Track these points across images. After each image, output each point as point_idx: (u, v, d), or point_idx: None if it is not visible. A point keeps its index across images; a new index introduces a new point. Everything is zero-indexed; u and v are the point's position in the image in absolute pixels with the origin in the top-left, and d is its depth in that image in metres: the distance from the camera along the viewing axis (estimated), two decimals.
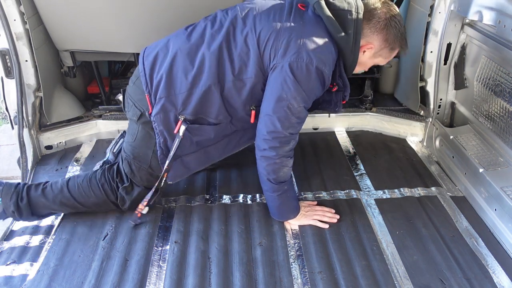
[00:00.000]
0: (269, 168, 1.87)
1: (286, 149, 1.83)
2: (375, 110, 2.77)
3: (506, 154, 2.09)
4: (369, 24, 1.74)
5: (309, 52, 1.66)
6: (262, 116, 1.80)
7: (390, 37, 1.75)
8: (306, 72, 1.67)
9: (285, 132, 1.77)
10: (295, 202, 2.01)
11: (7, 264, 1.81)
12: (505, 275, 1.74)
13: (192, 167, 2.01)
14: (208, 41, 1.77)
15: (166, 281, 1.71)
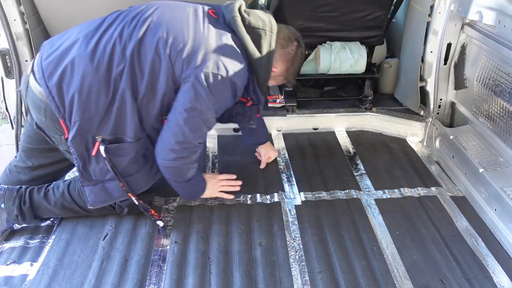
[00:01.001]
0: (173, 173, 1.87)
1: (193, 158, 1.85)
2: (375, 110, 2.77)
3: (506, 154, 2.09)
4: (281, 51, 1.83)
5: (224, 64, 1.67)
6: (172, 126, 1.75)
7: (290, 69, 1.90)
8: (220, 83, 1.67)
9: (195, 142, 1.78)
10: (201, 183, 2.05)
11: (7, 264, 1.81)
12: (505, 275, 1.74)
13: (114, 195, 1.88)
14: (118, 55, 1.69)
15: (166, 281, 1.71)
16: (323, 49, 2.63)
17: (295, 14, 2.51)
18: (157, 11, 1.77)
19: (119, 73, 1.69)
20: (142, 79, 1.71)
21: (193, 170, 1.91)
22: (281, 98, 2.77)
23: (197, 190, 2.07)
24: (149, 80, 1.71)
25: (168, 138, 1.77)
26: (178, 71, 1.70)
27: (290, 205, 2.13)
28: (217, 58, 1.67)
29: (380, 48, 2.73)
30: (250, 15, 1.78)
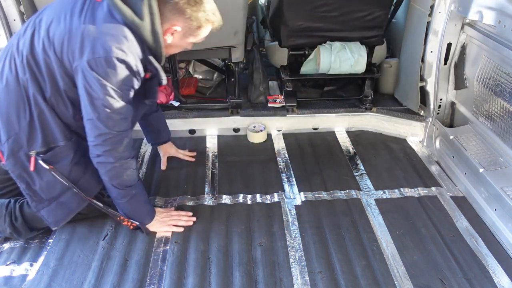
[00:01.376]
0: (110, 173, 1.76)
1: (121, 150, 1.73)
2: (375, 110, 2.77)
3: (506, 154, 2.09)
4: (167, 6, 1.61)
5: (105, 45, 1.55)
6: (85, 122, 1.68)
7: (193, 15, 1.63)
8: (107, 66, 1.56)
9: (112, 131, 1.67)
10: (147, 206, 1.93)
11: (7, 264, 1.81)
12: (505, 275, 1.74)
13: (71, 206, 1.85)
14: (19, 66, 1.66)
15: (166, 281, 1.71)
16: (323, 49, 2.63)
17: (295, 14, 2.51)
18: (46, 10, 1.72)
19: (25, 83, 1.67)
20: (44, 82, 1.67)
21: (130, 171, 1.79)
22: (281, 98, 2.77)
23: (142, 213, 1.92)
24: (50, 82, 1.67)
25: (88, 134, 1.71)
26: (68, 66, 1.63)
27: (290, 205, 2.13)
28: (98, 41, 1.55)
29: (380, 48, 2.73)
30: None
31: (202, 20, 1.66)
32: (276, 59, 2.78)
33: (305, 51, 2.73)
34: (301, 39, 2.66)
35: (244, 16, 2.34)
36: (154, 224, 1.95)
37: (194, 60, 2.97)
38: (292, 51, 2.74)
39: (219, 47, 2.49)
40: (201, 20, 1.66)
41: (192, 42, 1.77)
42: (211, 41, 2.46)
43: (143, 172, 2.39)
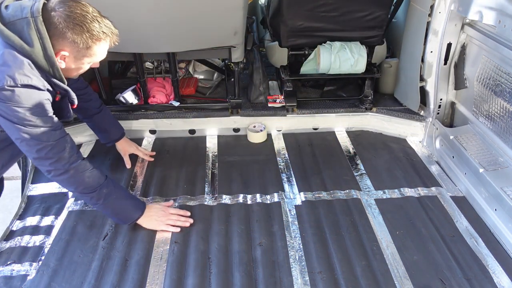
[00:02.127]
0: (70, 182, 1.76)
1: (66, 156, 1.71)
2: (375, 110, 2.77)
3: (506, 154, 2.09)
4: (51, 31, 1.56)
5: (5, 73, 1.52)
6: (19, 145, 1.68)
7: (77, 39, 1.58)
8: (13, 92, 1.55)
9: (48, 142, 1.66)
10: (129, 201, 1.92)
11: (7, 264, 1.81)
12: (505, 275, 1.74)
13: None
14: None
15: (166, 281, 1.71)
16: (323, 49, 2.63)
17: (295, 14, 2.51)
18: None
19: None
20: None
21: (89, 173, 1.77)
22: (281, 98, 2.77)
23: (128, 209, 1.91)
24: None
25: (29, 155, 1.72)
26: None
27: (290, 205, 2.13)
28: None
29: (380, 48, 2.73)
30: (9, 9, 1.57)
31: (88, 41, 1.60)
32: (276, 59, 2.78)
33: (305, 51, 2.73)
34: (301, 39, 2.66)
35: (244, 16, 2.34)
36: (150, 222, 1.95)
37: (194, 60, 2.98)
38: (292, 51, 2.74)
39: (219, 47, 2.49)
40: (86, 41, 1.60)
41: (90, 62, 1.72)
42: (211, 41, 2.47)
43: (143, 172, 2.39)
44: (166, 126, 2.72)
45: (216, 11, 2.26)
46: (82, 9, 1.58)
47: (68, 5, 1.56)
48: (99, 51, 1.67)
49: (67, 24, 1.55)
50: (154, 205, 2.03)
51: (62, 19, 1.55)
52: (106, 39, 1.65)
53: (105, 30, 1.63)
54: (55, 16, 1.55)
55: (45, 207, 2.15)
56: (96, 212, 2.07)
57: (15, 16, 1.54)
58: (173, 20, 2.30)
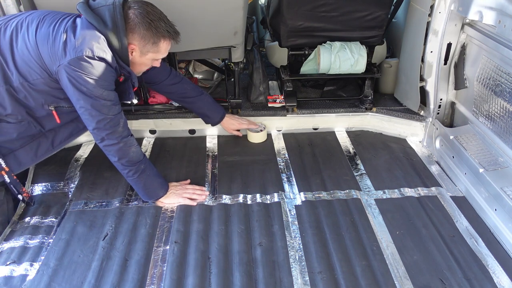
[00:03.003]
0: (118, 153, 1.95)
1: (120, 130, 1.92)
2: (375, 110, 2.77)
3: (506, 154, 2.08)
4: (126, 26, 1.80)
5: (85, 45, 1.73)
6: (80, 114, 1.87)
7: (145, 34, 1.82)
8: (89, 63, 1.75)
9: (108, 115, 1.86)
10: (159, 179, 2.11)
11: (7, 264, 1.81)
12: (505, 275, 1.74)
13: None
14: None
15: (166, 281, 1.71)
16: (323, 49, 2.63)
17: (295, 14, 2.51)
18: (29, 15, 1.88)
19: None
20: (15, 70, 1.80)
21: (134, 148, 1.98)
22: (281, 98, 2.77)
23: (156, 186, 2.10)
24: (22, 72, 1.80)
25: (88, 124, 1.90)
26: (49, 64, 1.78)
27: (290, 205, 2.13)
28: (79, 43, 1.73)
29: (380, 48, 2.73)
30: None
31: (155, 38, 1.84)
32: (276, 59, 2.78)
33: (305, 51, 2.73)
34: (301, 39, 2.66)
35: (244, 16, 2.34)
36: (169, 196, 2.13)
37: (194, 60, 2.98)
38: (292, 51, 2.74)
39: (219, 47, 2.49)
40: (153, 37, 1.84)
41: (154, 58, 1.95)
42: (211, 41, 2.47)
43: None
44: (166, 126, 2.72)
45: (216, 11, 2.26)
46: (153, 10, 1.83)
47: (141, 5, 1.82)
48: (163, 48, 1.90)
49: (139, 20, 1.79)
50: (172, 182, 2.20)
51: (135, 15, 1.79)
52: (170, 38, 1.88)
53: (170, 30, 1.87)
54: (130, 13, 1.80)
55: (45, 207, 2.15)
56: (96, 212, 2.07)
57: (100, 4, 1.80)
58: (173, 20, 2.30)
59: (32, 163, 2.10)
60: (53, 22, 1.80)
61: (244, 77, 3.05)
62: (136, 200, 2.16)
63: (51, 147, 2.12)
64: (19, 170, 2.06)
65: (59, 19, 1.82)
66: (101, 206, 2.13)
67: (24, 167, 2.08)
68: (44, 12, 1.88)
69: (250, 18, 3.10)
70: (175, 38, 1.90)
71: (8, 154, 1.99)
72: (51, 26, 1.79)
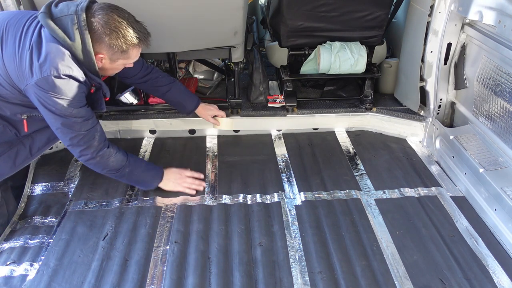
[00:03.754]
0: (97, 166, 1.97)
1: (95, 144, 1.90)
2: (375, 110, 2.77)
3: (506, 154, 2.08)
4: (91, 34, 1.72)
5: (50, 64, 1.68)
6: (55, 131, 1.87)
7: (113, 43, 1.74)
8: (55, 83, 1.70)
9: (80, 132, 1.84)
10: (149, 172, 2.15)
11: (7, 264, 1.81)
12: (505, 276, 1.74)
13: None
14: None
15: (166, 281, 1.71)
16: (323, 49, 2.63)
17: (295, 14, 2.51)
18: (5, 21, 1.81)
19: None
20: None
21: (113, 158, 1.98)
22: (281, 98, 2.77)
23: (148, 180, 2.16)
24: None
25: (62, 140, 1.91)
26: (16, 81, 1.76)
27: (290, 205, 2.13)
28: (45, 62, 1.68)
29: (380, 48, 2.73)
30: (59, 6, 1.74)
31: (123, 46, 1.75)
32: (276, 59, 2.78)
33: (305, 51, 2.73)
34: (301, 39, 2.66)
35: (244, 16, 2.34)
36: (167, 184, 2.18)
37: (194, 60, 2.97)
38: (292, 51, 2.74)
39: (219, 47, 2.49)
40: (122, 46, 1.75)
41: (124, 64, 1.88)
42: (211, 41, 2.47)
43: None
44: (166, 126, 2.72)
45: (216, 11, 2.26)
46: (119, 15, 1.72)
47: (106, 12, 1.71)
48: (133, 54, 1.83)
49: (104, 30, 1.71)
50: (171, 169, 2.22)
51: (100, 25, 1.70)
52: (140, 44, 1.80)
53: (139, 35, 1.78)
54: (94, 22, 1.70)
55: (45, 207, 2.15)
56: (96, 212, 2.07)
57: (62, 13, 1.70)
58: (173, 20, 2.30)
59: (11, 172, 2.04)
60: (17, 36, 1.73)
61: (244, 77, 3.05)
62: (136, 200, 2.16)
63: (30, 154, 2.08)
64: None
65: (23, 31, 1.74)
66: (101, 206, 2.13)
67: (1, 178, 2.02)
68: (7, 17, 1.79)
69: (250, 18, 3.10)
70: (145, 43, 1.82)
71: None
72: (16, 41, 1.73)
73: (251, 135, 2.73)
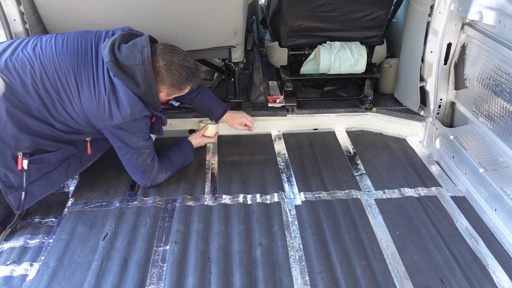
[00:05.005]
0: (150, 187, 2.24)
1: (151, 176, 2.19)
2: (375, 110, 2.77)
3: (506, 154, 2.09)
4: (156, 77, 1.94)
5: (129, 112, 1.92)
6: (121, 157, 2.12)
7: (174, 82, 1.98)
8: (134, 124, 1.98)
9: (145, 162, 2.13)
10: (185, 159, 2.39)
11: (7, 264, 1.81)
12: (505, 275, 1.74)
13: (36, 194, 2.06)
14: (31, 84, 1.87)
15: (166, 281, 1.71)
16: (323, 49, 2.63)
17: (295, 14, 2.51)
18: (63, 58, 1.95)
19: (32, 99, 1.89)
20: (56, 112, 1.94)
21: (161, 178, 2.25)
22: (281, 98, 2.77)
23: (186, 161, 2.40)
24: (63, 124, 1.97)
25: (127, 168, 2.18)
26: (94, 122, 1.97)
27: (290, 205, 2.13)
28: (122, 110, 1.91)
29: (380, 48, 2.73)
30: (123, 51, 1.90)
31: (181, 85, 2.02)
32: (276, 59, 2.78)
33: (305, 51, 2.73)
34: (301, 39, 2.66)
35: (244, 16, 2.34)
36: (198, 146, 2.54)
37: (194, 60, 2.97)
38: (292, 51, 2.74)
39: (219, 47, 2.49)
40: (180, 86, 2.02)
41: (177, 96, 2.19)
42: (211, 41, 2.47)
43: None
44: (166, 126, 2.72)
45: (216, 11, 2.26)
46: (178, 58, 1.95)
47: (167, 56, 1.94)
48: (187, 89, 2.09)
49: (167, 74, 1.95)
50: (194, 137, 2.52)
51: (163, 69, 1.94)
52: (193, 81, 2.05)
53: (193, 74, 2.02)
54: (158, 67, 1.93)
55: (45, 207, 2.15)
56: (96, 212, 2.07)
57: (128, 61, 1.89)
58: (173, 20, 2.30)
59: (62, 183, 2.19)
60: (90, 80, 1.91)
61: (244, 77, 3.05)
62: (136, 200, 2.16)
63: (80, 165, 2.21)
64: (50, 191, 2.12)
65: (94, 75, 1.91)
66: (101, 206, 2.13)
67: (54, 188, 2.14)
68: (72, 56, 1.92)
69: (250, 18, 3.10)
70: (197, 80, 2.07)
71: (42, 177, 2.05)
72: (91, 86, 1.91)
73: (251, 135, 2.73)
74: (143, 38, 1.94)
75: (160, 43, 2.00)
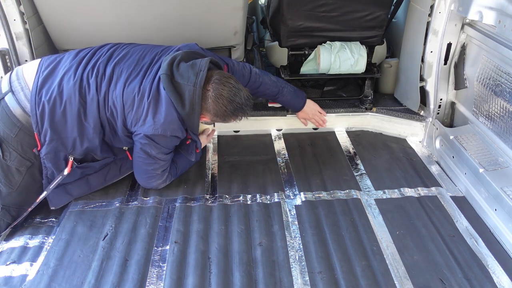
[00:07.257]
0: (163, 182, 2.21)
1: (161, 182, 2.19)
2: (375, 110, 2.77)
3: (506, 154, 2.09)
4: (202, 103, 1.95)
5: (163, 127, 1.95)
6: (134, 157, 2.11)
7: (219, 114, 1.99)
8: (162, 139, 2.00)
9: (156, 172, 2.13)
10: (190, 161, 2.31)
11: (7, 264, 1.81)
12: (505, 275, 1.74)
13: (74, 194, 2.14)
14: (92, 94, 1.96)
15: (166, 281, 1.71)
16: (323, 49, 2.63)
17: (295, 14, 2.51)
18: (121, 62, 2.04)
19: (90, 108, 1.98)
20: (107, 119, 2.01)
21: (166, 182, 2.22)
22: None
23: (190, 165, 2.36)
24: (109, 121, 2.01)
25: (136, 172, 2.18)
26: (129, 123, 2.00)
27: (290, 205, 2.13)
28: (159, 122, 1.94)
29: (380, 48, 2.73)
30: (180, 69, 1.92)
31: (225, 118, 2.02)
32: (276, 59, 2.78)
33: (305, 51, 2.73)
34: (301, 39, 2.66)
35: (244, 16, 2.34)
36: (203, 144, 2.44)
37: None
38: (292, 51, 2.74)
39: (219, 47, 2.49)
40: (223, 117, 2.02)
41: (222, 123, 2.14)
42: (211, 41, 2.47)
43: None
44: None
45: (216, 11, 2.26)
46: (229, 93, 1.93)
47: (219, 86, 1.93)
48: (231, 122, 2.09)
49: (213, 104, 1.95)
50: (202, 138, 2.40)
51: (211, 99, 1.94)
52: (238, 116, 2.03)
53: (242, 112, 2.01)
54: (208, 94, 1.93)
55: (45, 207, 2.15)
56: (96, 212, 2.07)
57: (182, 79, 1.90)
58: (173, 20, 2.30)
59: (100, 187, 2.21)
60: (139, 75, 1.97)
61: None
62: (136, 200, 2.16)
63: (119, 173, 2.24)
64: (86, 193, 2.17)
65: (145, 73, 1.98)
66: (101, 206, 2.13)
67: (91, 191, 2.19)
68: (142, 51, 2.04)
69: (250, 18, 3.10)
70: (244, 115, 2.04)
71: (82, 177, 2.14)
72: (137, 84, 1.95)
73: (251, 135, 2.73)
74: (203, 61, 1.94)
75: (219, 71, 2.00)
